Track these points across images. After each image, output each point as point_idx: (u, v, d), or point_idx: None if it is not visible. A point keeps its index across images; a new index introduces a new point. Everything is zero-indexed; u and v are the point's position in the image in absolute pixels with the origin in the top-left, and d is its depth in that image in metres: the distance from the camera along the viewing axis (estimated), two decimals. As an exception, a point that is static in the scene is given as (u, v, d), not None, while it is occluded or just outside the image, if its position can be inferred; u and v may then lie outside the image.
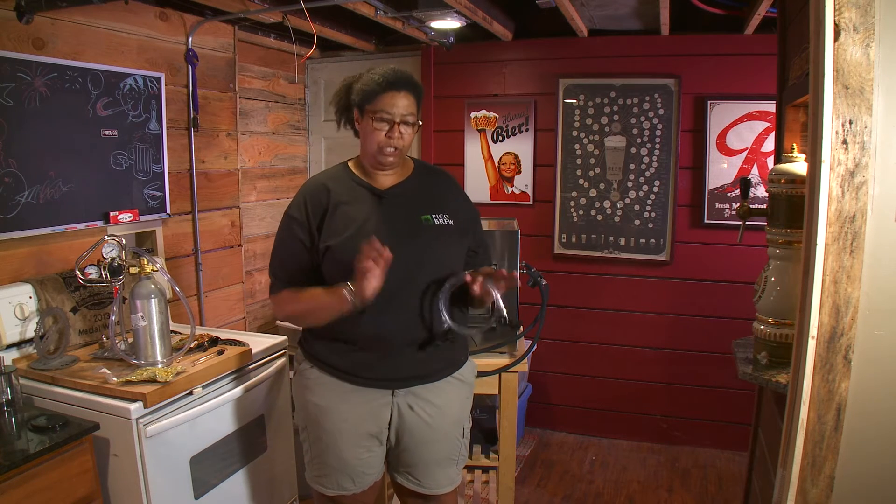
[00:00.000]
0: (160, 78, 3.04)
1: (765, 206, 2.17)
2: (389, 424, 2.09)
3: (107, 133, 2.79)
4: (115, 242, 2.39)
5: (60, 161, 2.60)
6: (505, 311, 2.01)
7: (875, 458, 1.48)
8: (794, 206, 2.00)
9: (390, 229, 2.00)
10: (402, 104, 1.97)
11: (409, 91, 1.99)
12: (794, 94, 2.28)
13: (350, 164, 2.15)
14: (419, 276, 2.01)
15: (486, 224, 2.68)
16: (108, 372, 2.23)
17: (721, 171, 3.82)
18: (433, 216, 2.06)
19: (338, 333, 2.03)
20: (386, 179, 2.09)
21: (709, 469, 3.88)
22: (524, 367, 2.60)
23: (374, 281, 1.83)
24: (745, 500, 2.79)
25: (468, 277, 1.95)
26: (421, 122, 2.08)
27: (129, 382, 2.16)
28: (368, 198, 2.06)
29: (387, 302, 1.95)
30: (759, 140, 3.72)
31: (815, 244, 1.40)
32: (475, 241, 2.20)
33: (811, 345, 1.44)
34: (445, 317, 1.97)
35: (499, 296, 1.94)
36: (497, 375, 2.57)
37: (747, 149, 3.75)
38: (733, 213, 3.82)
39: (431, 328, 2.04)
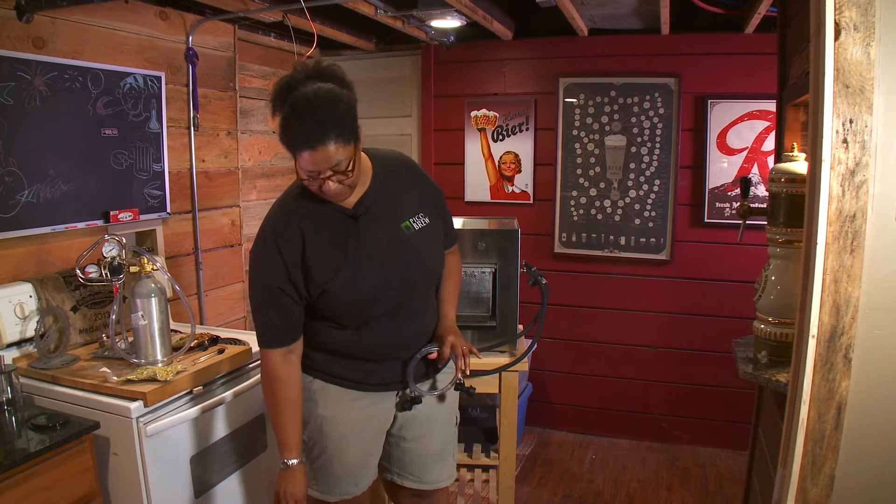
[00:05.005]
0: (160, 77, 3.04)
1: (765, 206, 2.17)
2: (392, 424, 2.10)
3: (107, 132, 2.79)
4: (115, 241, 2.39)
5: (60, 160, 2.60)
6: (462, 379, 2.09)
7: (875, 457, 1.48)
8: (794, 205, 2.00)
9: (375, 249, 1.90)
10: (322, 159, 1.70)
11: (328, 139, 1.68)
12: (795, 93, 2.28)
13: None
14: (414, 286, 1.98)
15: (486, 223, 2.68)
16: (109, 371, 2.23)
17: (721, 170, 3.82)
18: (411, 221, 1.96)
19: (342, 349, 1.98)
20: (352, 196, 1.89)
21: (709, 468, 3.88)
22: (524, 366, 2.60)
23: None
24: (745, 499, 2.79)
25: (434, 355, 2.01)
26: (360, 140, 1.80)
27: (129, 381, 2.16)
28: (342, 220, 1.89)
29: (388, 318, 1.95)
30: (760, 139, 3.72)
31: (816, 243, 1.40)
32: (445, 225, 2.11)
33: (811, 344, 1.44)
34: (412, 384, 2.02)
35: (456, 369, 2.05)
36: (497, 374, 2.57)
37: (747, 148, 3.75)
38: (733, 212, 3.82)
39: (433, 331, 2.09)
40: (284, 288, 1.86)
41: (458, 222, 2.56)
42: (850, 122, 1.37)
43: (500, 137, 4.22)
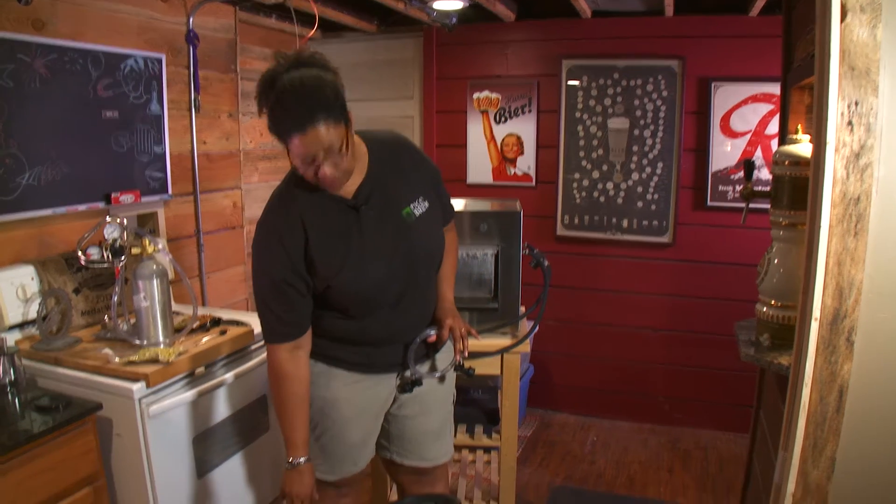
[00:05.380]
0: (161, 59, 3.02)
1: (768, 188, 2.16)
2: (392, 404, 2.11)
3: (108, 114, 2.78)
4: (116, 223, 2.39)
5: (61, 142, 2.59)
6: (460, 361, 2.15)
7: (876, 439, 1.48)
8: (797, 187, 1.99)
9: (379, 240, 1.88)
10: (313, 142, 1.65)
11: (318, 121, 1.63)
12: (800, 75, 2.26)
13: None
14: (418, 272, 1.98)
15: (488, 205, 2.67)
16: (111, 352, 2.23)
17: (724, 153, 3.81)
18: (412, 207, 1.93)
19: (346, 336, 1.97)
20: (350, 185, 1.85)
21: (710, 450, 3.89)
22: (526, 347, 2.60)
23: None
24: (745, 481, 2.80)
25: (433, 337, 2.04)
26: (351, 121, 1.75)
27: (131, 363, 2.17)
28: (343, 212, 1.86)
29: (393, 305, 1.95)
30: (763, 122, 3.70)
31: (819, 226, 1.40)
32: (442, 204, 2.08)
33: (814, 327, 1.43)
34: (413, 366, 2.04)
35: (455, 352, 2.10)
36: (499, 356, 2.58)
37: (751, 131, 3.73)
38: (736, 195, 3.81)
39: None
40: (290, 280, 1.82)
41: (459, 204, 2.55)
42: (856, 104, 1.36)
43: (503, 119, 4.20)
